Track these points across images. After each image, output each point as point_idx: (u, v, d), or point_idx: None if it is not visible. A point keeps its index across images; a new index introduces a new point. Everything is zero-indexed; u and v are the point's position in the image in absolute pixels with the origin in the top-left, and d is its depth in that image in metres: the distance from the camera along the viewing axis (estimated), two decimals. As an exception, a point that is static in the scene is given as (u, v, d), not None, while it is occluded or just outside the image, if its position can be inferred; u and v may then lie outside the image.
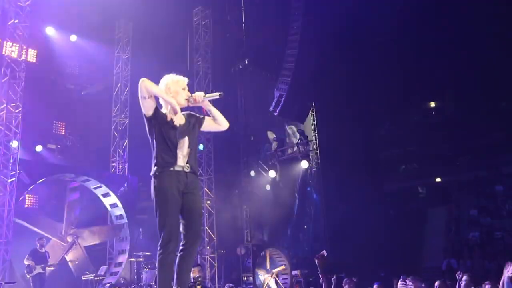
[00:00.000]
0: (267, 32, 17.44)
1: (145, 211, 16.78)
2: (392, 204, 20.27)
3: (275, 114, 16.87)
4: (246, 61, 18.10)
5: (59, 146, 17.27)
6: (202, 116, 4.33)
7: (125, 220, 14.87)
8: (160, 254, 3.86)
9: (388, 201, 20.31)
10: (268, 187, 18.83)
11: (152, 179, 4.00)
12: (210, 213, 16.69)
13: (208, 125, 4.38)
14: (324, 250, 8.11)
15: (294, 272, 14.90)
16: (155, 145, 4.05)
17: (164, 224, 3.88)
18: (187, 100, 4.18)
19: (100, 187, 14.84)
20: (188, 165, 4.02)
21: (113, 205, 15.09)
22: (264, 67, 18.95)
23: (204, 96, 4.21)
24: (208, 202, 16.76)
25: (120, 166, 16.43)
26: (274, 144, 18.96)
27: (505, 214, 18.73)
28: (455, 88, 21.09)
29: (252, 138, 17.93)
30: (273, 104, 16.62)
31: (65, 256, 13.91)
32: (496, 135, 20.53)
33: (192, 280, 9.88)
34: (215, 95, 4.24)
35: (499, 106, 21.28)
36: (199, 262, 14.49)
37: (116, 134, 16.72)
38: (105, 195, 15.00)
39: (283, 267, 13.63)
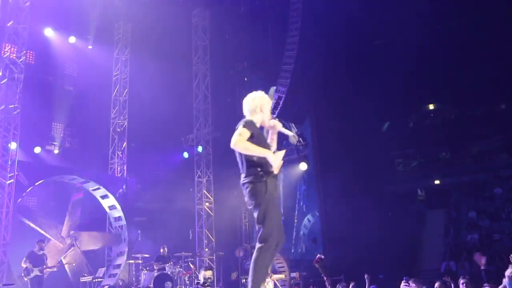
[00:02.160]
0: (266, 34, 17.43)
1: (144, 213, 16.77)
2: (391, 206, 20.22)
3: (274, 116, 16.83)
4: (245, 63, 18.11)
5: (57, 148, 17.24)
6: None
7: (123, 222, 14.85)
8: (263, 250, 4.04)
9: (387, 203, 20.27)
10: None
11: (254, 184, 4.15)
12: (208, 215, 16.67)
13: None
14: (319, 254, 8.13)
15: (293, 274, 14.85)
16: (252, 158, 4.20)
17: (271, 224, 4.08)
18: (270, 121, 4.49)
19: (98, 188, 14.82)
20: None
21: (112, 207, 15.08)
22: (263, 68, 18.95)
23: (281, 127, 4.52)
24: (207, 204, 16.74)
25: (118, 168, 16.41)
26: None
27: (504, 217, 18.72)
28: (454, 91, 21.09)
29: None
30: (272, 106, 16.57)
31: (62, 258, 13.85)
32: (495, 137, 20.56)
33: (203, 281, 9.96)
34: (290, 133, 4.58)
35: (498, 109, 21.30)
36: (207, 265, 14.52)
37: (115, 135, 16.70)
38: (104, 196, 14.98)
39: (282, 276, 13.59)
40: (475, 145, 20.77)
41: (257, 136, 4.21)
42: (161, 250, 12.97)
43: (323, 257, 7.84)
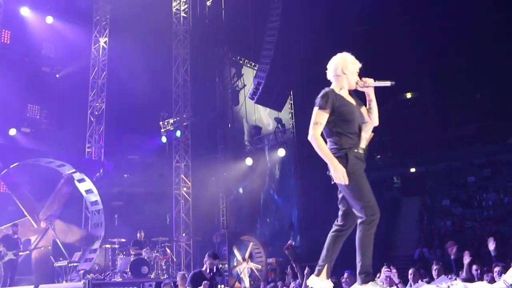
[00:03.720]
0: (246, 19, 17.34)
1: (121, 197, 16.67)
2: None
3: (253, 101, 16.84)
4: (225, 48, 18.01)
5: (33, 130, 16.98)
6: (361, 103, 4.22)
7: (100, 206, 14.72)
8: (366, 226, 3.85)
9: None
10: (245, 175, 18.86)
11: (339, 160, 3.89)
12: (186, 200, 16.66)
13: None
14: (290, 240, 8.21)
15: (269, 260, 14.97)
16: (336, 130, 3.99)
17: (365, 201, 3.87)
18: (357, 83, 4.11)
19: (75, 172, 14.65)
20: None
21: (89, 191, 14.92)
22: (243, 53, 18.89)
23: (374, 81, 4.13)
24: (185, 189, 16.72)
25: (96, 151, 16.23)
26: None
27: (476, 205, 19.14)
28: (431, 80, 21.36)
29: (229, 125, 17.89)
30: (251, 91, 16.58)
31: (36, 240, 13.58)
32: (470, 126, 20.92)
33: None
34: (386, 83, 4.15)
35: (474, 98, 21.65)
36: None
37: (92, 119, 16.47)
38: (80, 180, 14.81)
39: (259, 266, 13.67)
40: (450, 134, 21.10)
41: (338, 109, 3.93)
42: (138, 235, 12.92)
43: (293, 243, 7.92)
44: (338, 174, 3.80)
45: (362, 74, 4.21)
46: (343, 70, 4.07)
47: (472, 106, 20.86)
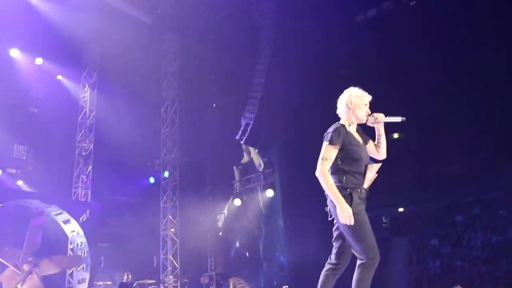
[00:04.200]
0: (236, 60, 17.60)
1: (107, 238, 16.45)
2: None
3: (242, 142, 16.91)
4: (214, 89, 18.18)
5: (19, 171, 16.81)
6: (368, 138, 4.27)
7: (86, 248, 14.49)
8: (366, 268, 3.79)
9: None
10: (234, 216, 18.72)
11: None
12: (174, 241, 16.45)
13: (369, 148, 4.30)
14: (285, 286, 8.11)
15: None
16: (342, 167, 3.98)
17: (366, 243, 3.82)
18: (367, 116, 4.14)
19: (61, 213, 14.47)
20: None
21: (74, 232, 14.71)
22: (232, 94, 19.06)
23: (385, 117, 4.18)
24: (172, 230, 16.54)
25: (83, 192, 16.08)
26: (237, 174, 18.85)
27: (465, 244, 19.11)
28: (418, 120, 21.63)
29: (218, 165, 17.86)
30: (240, 132, 16.67)
31: (19, 286, 13.30)
32: (456, 166, 21.08)
33: None
34: (397, 119, 4.20)
35: (461, 138, 21.91)
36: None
37: (80, 159, 16.39)
38: (66, 221, 14.62)
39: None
40: (437, 173, 21.22)
41: (347, 147, 3.94)
42: (125, 277, 12.70)
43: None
44: (344, 214, 3.76)
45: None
46: (348, 105, 4.14)
47: (459, 146, 21.09)
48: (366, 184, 4.02)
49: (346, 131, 4.02)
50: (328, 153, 3.90)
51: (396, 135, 23.73)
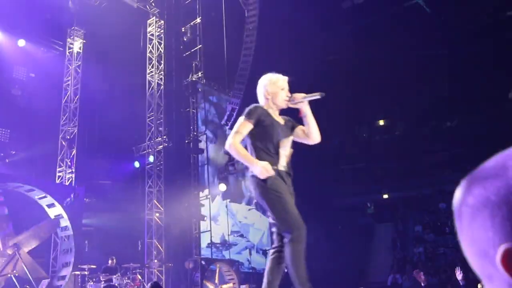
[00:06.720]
0: (221, 44, 17.48)
1: (92, 222, 16.37)
2: (341, 220, 20.57)
3: (227, 127, 16.87)
4: (200, 73, 18.06)
5: (2, 154, 16.60)
6: (296, 124, 4.21)
7: (70, 232, 14.41)
8: (293, 244, 3.69)
9: (338, 216, 20.60)
10: (219, 201, 18.75)
11: (257, 179, 3.79)
12: (159, 226, 16.43)
13: (296, 134, 4.23)
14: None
15: (243, 287, 14.81)
16: (256, 144, 3.93)
17: (288, 217, 3.77)
18: (287, 101, 4.06)
19: (45, 197, 14.34)
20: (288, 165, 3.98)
21: (59, 216, 14.61)
22: (218, 79, 18.98)
23: (304, 96, 4.07)
24: (157, 214, 16.51)
25: (67, 176, 15.96)
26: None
27: (448, 231, 19.37)
28: (403, 107, 21.76)
29: (204, 151, 17.80)
30: (225, 117, 16.61)
31: (10, 271, 13.16)
32: (440, 154, 21.29)
33: None
34: (316, 95, 4.04)
35: (444, 126, 22.11)
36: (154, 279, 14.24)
37: (63, 143, 16.23)
38: (50, 205, 14.50)
39: (231, 284, 13.50)
40: (422, 161, 21.42)
41: (262, 123, 3.91)
42: (110, 261, 12.67)
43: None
44: (259, 169, 3.70)
45: (331, 101, 4.24)
46: (266, 95, 4.10)
47: (442, 134, 21.28)
48: (283, 161, 3.96)
49: (265, 110, 4.01)
50: (241, 127, 3.87)
51: (381, 122, 23.87)
